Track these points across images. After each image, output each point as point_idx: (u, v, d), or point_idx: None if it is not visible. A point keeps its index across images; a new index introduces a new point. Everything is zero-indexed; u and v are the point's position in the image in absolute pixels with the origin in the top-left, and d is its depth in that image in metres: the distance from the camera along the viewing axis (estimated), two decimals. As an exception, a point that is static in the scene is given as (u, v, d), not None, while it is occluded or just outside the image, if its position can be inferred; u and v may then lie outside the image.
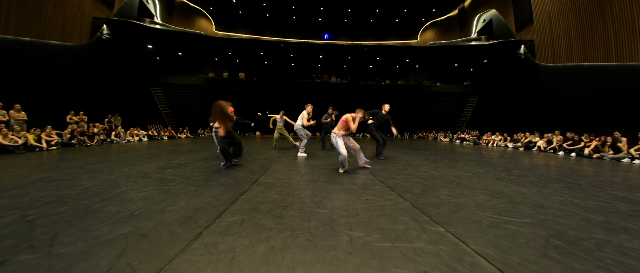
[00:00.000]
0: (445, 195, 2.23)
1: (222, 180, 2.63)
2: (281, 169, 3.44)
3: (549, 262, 1.12)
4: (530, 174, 3.58)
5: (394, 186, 2.53)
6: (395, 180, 2.87)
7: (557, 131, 8.62)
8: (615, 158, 6.20)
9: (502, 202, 2.07)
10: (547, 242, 1.33)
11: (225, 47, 18.29)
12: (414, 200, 2.07)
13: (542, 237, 1.39)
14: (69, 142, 7.08)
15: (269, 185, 2.42)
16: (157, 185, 2.38)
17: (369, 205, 1.90)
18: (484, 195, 2.28)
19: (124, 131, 9.56)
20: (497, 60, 16.25)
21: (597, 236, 1.43)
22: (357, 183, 2.59)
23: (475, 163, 4.61)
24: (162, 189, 2.23)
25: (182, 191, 2.16)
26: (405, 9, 22.09)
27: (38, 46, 8.59)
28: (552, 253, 1.21)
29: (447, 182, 2.81)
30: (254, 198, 1.99)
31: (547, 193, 2.44)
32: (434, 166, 4.03)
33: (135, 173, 2.97)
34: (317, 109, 21.63)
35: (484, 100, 17.64)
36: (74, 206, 1.77)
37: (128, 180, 2.60)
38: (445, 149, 7.72)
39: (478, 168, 3.93)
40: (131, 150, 5.97)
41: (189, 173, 2.99)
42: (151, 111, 15.07)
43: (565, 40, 11.83)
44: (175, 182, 2.50)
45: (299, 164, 3.95)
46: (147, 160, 4.13)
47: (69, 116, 8.69)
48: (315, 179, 2.79)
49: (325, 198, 2.03)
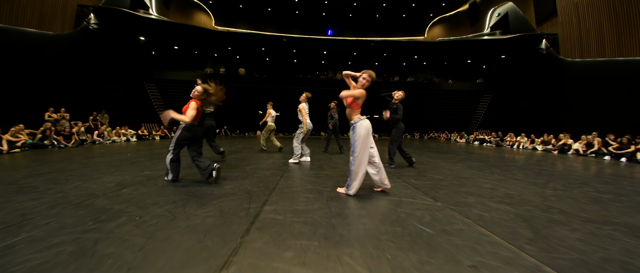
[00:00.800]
0: (577, 241, 1.31)
1: (199, 214, 1.63)
2: (290, 188, 2.43)
3: None
4: (621, 190, 2.69)
5: (485, 224, 1.53)
6: (470, 207, 1.87)
7: (594, 133, 7.60)
8: (682, 165, 5.21)
9: None
10: None
11: (225, 41, 17.30)
12: (549, 258, 1.12)
13: None
14: (41, 143, 6.11)
15: (278, 230, 1.42)
16: (84, 227, 1.40)
17: None
18: (628, 238, 1.39)
19: (109, 131, 8.59)
20: (515, 56, 15.17)
21: None
22: (423, 219, 1.59)
23: (533, 172, 3.62)
24: (82, 243, 1.24)
25: (116, 248, 1.17)
26: (413, 3, 21.04)
27: (10, 33, 7.58)
28: None
29: (544, 210, 1.86)
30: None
31: None
32: (492, 178, 3.04)
33: (74, 197, 1.98)
34: (323, 107, 20.39)
35: (499, 99, 16.57)
36: None
37: (49, 213, 1.62)
38: (475, 153, 6.70)
39: (548, 182, 2.95)
40: (107, 153, 5.00)
41: (154, 196, 2.00)
42: (145, 109, 14.09)
43: (595, 33, 10.75)
44: (118, 220, 1.51)
45: (311, 177, 2.95)
46: (112, 170, 3.15)
47: (48, 114, 7.72)
48: (353, 211, 1.78)
49: (399, 268, 1.03)
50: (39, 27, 8.37)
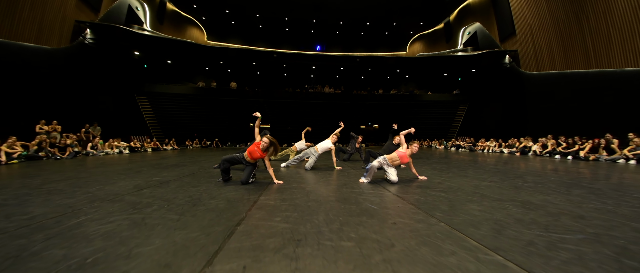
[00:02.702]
0: (478, 211, 1.92)
1: (212, 202, 2.17)
2: (278, 185, 3.01)
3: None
4: (544, 180, 3.40)
5: (417, 203, 2.18)
6: (413, 194, 2.52)
7: (549, 136, 8.77)
8: (610, 160, 6.26)
9: (540, 215, 1.82)
10: (620, 264, 1.07)
11: (217, 56, 17.93)
12: (447, 219, 1.73)
13: (610, 257, 1.18)
14: (36, 155, 6.28)
15: (271, 209, 1.99)
16: (127, 212, 1.89)
17: (400, 229, 1.53)
18: (516, 208, 2.01)
19: (102, 143, 8.75)
20: (484, 69, 16.88)
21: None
22: (374, 202, 2.21)
23: (485, 170, 4.38)
24: (133, 218, 1.75)
25: (159, 220, 1.69)
26: (395, 23, 22.89)
27: (8, 48, 7.82)
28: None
29: (469, 194, 2.52)
30: (255, 229, 1.56)
31: (577, 201, 2.23)
32: (446, 176, 3.74)
33: (103, 195, 2.44)
34: (311, 118, 21.26)
35: (474, 108, 18.12)
36: (2, 250, 1.27)
37: (91, 205, 2.09)
38: (446, 157, 7.55)
39: (491, 176, 3.68)
40: (108, 164, 5.31)
41: (172, 193, 2.50)
42: (135, 121, 14.17)
43: (547, 50, 12.45)
44: (152, 207, 2.02)
45: (294, 175, 3.53)
46: (123, 177, 3.56)
47: (39, 126, 7.83)
48: (325, 197, 2.39)
49: (345, 224, 1.64)
50: (37, 41, 8.65)
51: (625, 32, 9.06)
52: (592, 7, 10.16)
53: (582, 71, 10.57)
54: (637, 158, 5.89)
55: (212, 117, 16.91)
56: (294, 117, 18.32)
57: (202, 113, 16.93)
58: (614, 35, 9.42)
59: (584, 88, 10.26)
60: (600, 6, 9.84)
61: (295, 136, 8.29)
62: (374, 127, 19.71)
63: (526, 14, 13.62)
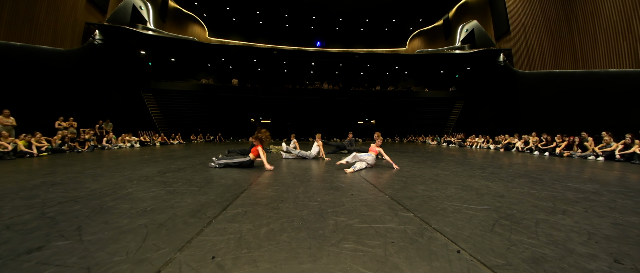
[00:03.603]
0: (421, 190, 2.54)
1: (222, 181, 2.84)
2: (275, 171, 3.68)
3: (493, 235, 1.43)
4: (501, 172, 3.98)
5: (378, 184, 2.83)
6: (380, 178, 3.17)
7: (533, 133, 9.31)
8: (582, 156, 6.82)
9: (469, 194, 2.40)
10: (495, 222, 1.64)
11: (218, 53, 18.46)
12: (393, 194, 2.36)
13: (492, 218, 1.71)
14: (60, 148, 7.02)
15: (266, 185, 2.66)
16: (161, 187, 2.57)
17: (354, 198, 2.17)
18: (455, 189, 2.61)
19: (115, 138, 9.48)
20: (480, 67, 17.26)
21: (538, 217, 1.76)
22: (345, 182, 2.87)
23: (456, 163, 5.01)
24: (167, 190, 2.42)
25: (186, 191, 2.36)
26: (394, 19, 23.11)
27: (29, 51, 8.53)
28: (498, 229, 1.52)
29: (426, 180, 3.14)
30: (253, 195, 2.22)
31: (511, 187, 2.80)
32: (418, 167, 4.37)
33: (137, 177, 3.12)
34: (311, 115, 21.77)
35: (469, 105, 18.57)
36: (88, 205, 1.94)
37: (131, 183, 2.76)
38: (432, 152, 8.17)
39: (456, 168, 4.30)
40: (125, 156, 6.02)
41: (190, 176, 3.18)
42: (142, 117, 14.91)
43: (538, 49, 12.83)
44: (178, 183, 2.69)
45: (289, 165, 4.20)
46: (146, 165, 4.25)
47: (58, 122, 8.58)
48: (308, 179, 3.05)
49: (317, 194, 2.29)
50: (53, 44, 9.33)
51: (610, 33, 9.44)
52: (580, 7, 10.51)
53: (570, 70, 10.99)
54: (606, 155, 6.43)
55: (215, 113, 17.59)
56: (293, 113, 18.94)
57: (205, 109, 17.61)
58: (600, 36, 9.80)
59: (569, 88, 10.72)
60: (589, 7, 10.19)
61: (296, 131, 8.97)
62: (371, 123, 20.27)
63: (520, 12, 13.93)
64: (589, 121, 9.25)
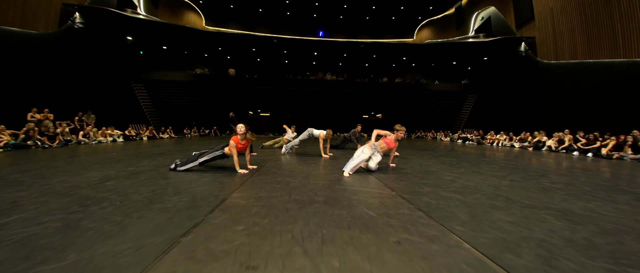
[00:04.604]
0: (507, 223, 1.50)
1: (174, 199, 1.83)
2: (266, 177, 2.64)
3: None
4: (573, 181, 2.94)
5: (426, 208, 1.78)
6: (421, 195, 2.12)
7: (566, 130, 8.15)
8: (636, 159, 5.71)
9: (593, 232, 1.38)
10: None
11: (215, 42, 17.27)
12: (472, 237, 1.31)
13: None
14: (24, 144, 6.05)
15: (238, 210, 1.63)
16: (68, 211, 1.56)
17: (408, 254, 1.13)
18: (558, 220, 1.58)
19: (95, 131, 8.51)
20: (497, 58, 15.87)
21: None
22: (372, 206, 1.82)
23: (500, 166, 3.95)
24: (68, 220, 1.41)
25: (95, 226, 1.35)
26: (402, 7, 21.60)
27: (-9, 32, 7.46)
28: None
29: (491, 197, 2.09)
30: (203, 243, 1.19)
31: (628, 211, 1.79)
32: (458, 172, 3.33)
33: (62, 188, 2.13)
34: (313, 107, 20.66)
35: (483, 99, 17.26)
36: None
37: (39, 199, 1.77)
38: (454, 150, 7.08)
39: (509, 174, 3.25)
40: (93, 153, 5.05)
41: (135, 187, 2.17)
42: (132, 109, 13.92)
43: (569, 36, 11.46)
44: (101, 205, 1.68)
45: (280, 168, 3.16)
46: (98, 167, 3.26)
47: (31, 114, 7.61)
48: (311, 198, 1.99)
49: (330, 240, 1.25)
50: (22, 26, 8.23)
51: (661, 15, 8.12)
52: (624, -13, 9.13)
53: (608, 60, 9.68)
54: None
55: (211, 105, 16.54)
56: (294, 105, 17.82)
57: (200, 101, 16.56)
58: (647, 19, 8.48)
59: (608, 80, 9.43)
60: (634, -14, 8.81)
61: (297, 124, 7.93)
62: (377, 117, 19.12)
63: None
64: (632, 117, 8.05)
